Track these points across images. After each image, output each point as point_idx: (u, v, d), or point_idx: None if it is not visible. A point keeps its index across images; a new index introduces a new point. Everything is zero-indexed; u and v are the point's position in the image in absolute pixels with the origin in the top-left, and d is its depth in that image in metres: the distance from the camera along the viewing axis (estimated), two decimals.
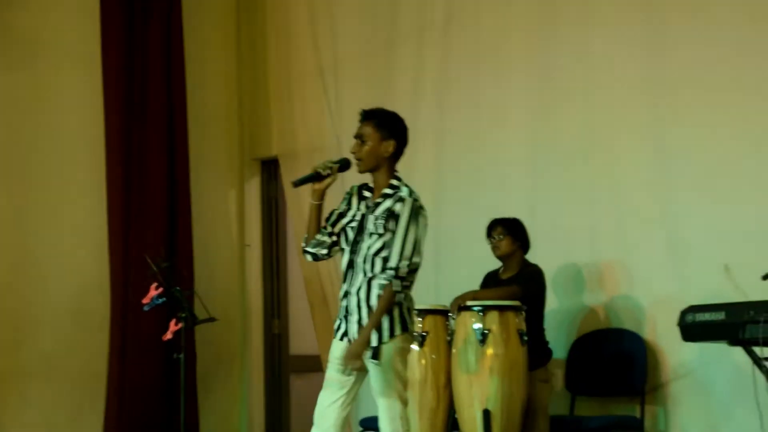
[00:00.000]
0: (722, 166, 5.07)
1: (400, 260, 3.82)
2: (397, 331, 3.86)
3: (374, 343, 3.84)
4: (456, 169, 6.07)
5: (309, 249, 4.01)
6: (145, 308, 5.35)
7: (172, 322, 5.29)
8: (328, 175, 3.93)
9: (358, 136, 3.97)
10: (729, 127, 5.07)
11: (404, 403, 3.90)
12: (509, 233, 5.16)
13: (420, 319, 4.76)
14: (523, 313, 4.75)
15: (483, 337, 4.61)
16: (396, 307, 3.85)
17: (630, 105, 5.40)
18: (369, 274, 3.88)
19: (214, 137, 6.97)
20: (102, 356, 6.11)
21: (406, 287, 3.87)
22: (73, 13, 6.34)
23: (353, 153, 3.96)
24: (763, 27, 4.99)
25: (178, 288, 5.41)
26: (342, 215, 4.02)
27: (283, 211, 7.08)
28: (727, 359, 4.67)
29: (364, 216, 3.95)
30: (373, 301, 3.86)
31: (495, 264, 5.27)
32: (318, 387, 4.01)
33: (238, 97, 7.13)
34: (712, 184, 5.09)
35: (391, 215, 3.87)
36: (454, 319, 4.77)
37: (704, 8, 5.19)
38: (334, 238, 4.00)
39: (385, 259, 3.86)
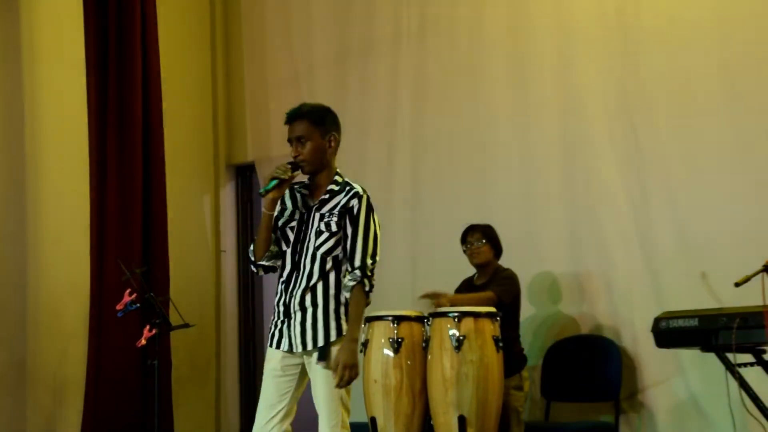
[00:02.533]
0: (697, 178, 5.11)
1: (365, 258, 3.69)
2: (345, 330, 3.68)
3: (321, 342, 3.66)
4: (433, 175, 6.07)
5: (264, 263, 3.80)
6: (119, 314, 5.31)
7: (146, 329, 5.26)
8: (291, 178, 3.73)
9: (297, 138, 3.76)
10: (704, 139, 5.11)
11: (347, 410, 3.70)
12: (488, 239, 5.16)
13: (395, 325, 4.75)
14: (499, 319, 4.76)
15: (458, 344, 4.60)
16: (342, 306, 3.69)
17: (607, 116, 5.43)
18: (316, 275, 3.69)
19: (190, 143, 6.96)
20: (78, 362, 6.06)
21: (372, 287, 3.72)
22: (59, 17, 6.30)
23: (295, 156, 3.75)
24: (737, 40, 5.03)
25: (152, 294, 5.38)
26: (278, 217, 3.82)
27: (258, 216, 7.04)
28: (701, 366, 4.70)
29: (305, 215, 3.78)
30: (321, 301, 3.67)
31: (472, 271, 5.28)
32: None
33: (214, 104, 7.11)
34: (688, 194, 5.13)
35: (345, 212, 3.72)
36: (430, 325, 4.77)
37: (679, 19, 5.22)
38: (281, 244, 3.81)
39: (336, 258, 3.71)
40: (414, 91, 6.17)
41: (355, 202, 3.73)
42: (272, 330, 3.78)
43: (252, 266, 3.85)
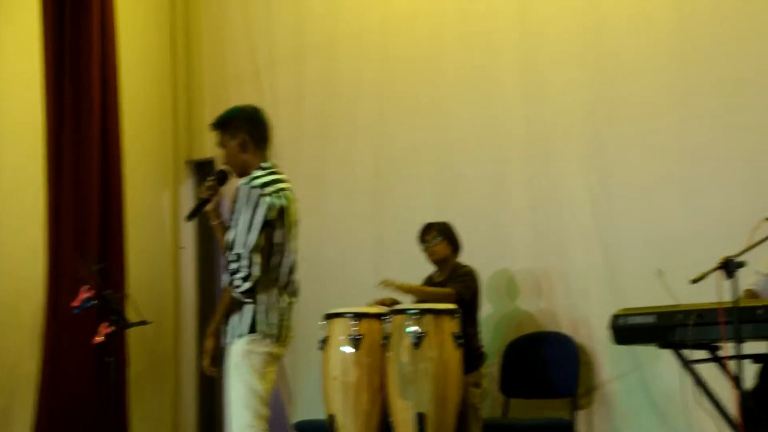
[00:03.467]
0: (656, 176, 5.16)
1: (236, 248, 3.72)
2: (243, 330, 3.74)
3: (228, 339, 3.78)
4: (396, 171, 6.07)
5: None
6: (75, 311, 5.26)
7: (103, 326, 5.21)
8: (212, 195, 3.88)
9: (220, 146, 3.95)
10: (663, 138, 5.17)
11: (257, 415, 3.71)
12: (444, 237, 5.17)
13: (355, 322, 4.74)
14: (458, 316, 4.77)
15: (418, 340, 4.60)
16: (250, 305, 3.74)
17: (570, 114, 5.46)
18: (229, 271, 3.79)
19: (149, 139, 6.89)
20: (33, 359, 5.98)
21: (243, 279, 3.70)
22: (13, 8, 6.20)
23: (223, 164, 3.95)
24: (698, 41, 5.09)
25: (109, 290, 5.33)
26: None
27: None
28: (657, 362, 4.74)
29: None
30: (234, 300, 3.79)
31: (433, 268, 5.28)
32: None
33: (173, 98, 7.05)
34: (646, 192, 5.19)
35: (233, 206, 3.82)
36: (389, 322, 4.76)
37: (641, 20, 5.26)
38: None
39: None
40: (376, 86, 6.16)
41: (236, 194, 3.82)
42: None
43: None
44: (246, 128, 3.91)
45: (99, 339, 5.24)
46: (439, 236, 5.16)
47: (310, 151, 6.37)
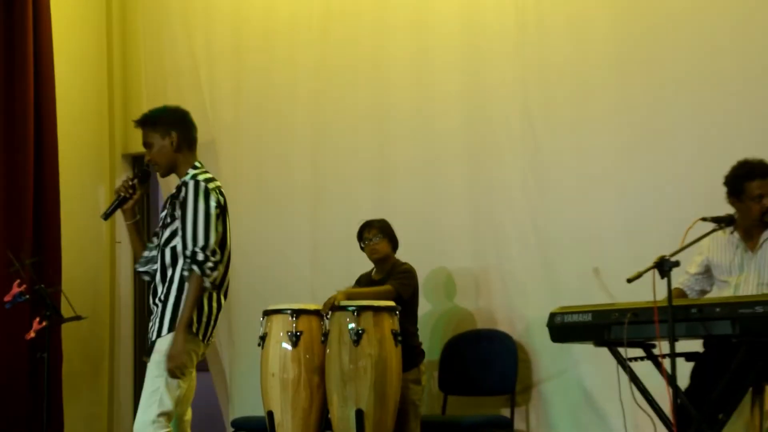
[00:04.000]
0: (592, 176, 5.23)
1: (194, 246, 3.66)
2: (174, 326, 3.70)
3: (153, 337, 3.73)
4: (334, 169, 6.05)
5: (140, 269, 3.94)
6: (7, 306, 5.16)
7: (36, 321, 5.12)
8: (132, 194, 3.88)
9: (145, 144, 3.91)
10: (598, 137, 5.24)
11: (164, 413, 3.66)
12: (385, 234, 5.16)
13: (294, 319, 4.72)
14: (398, 314, 4.77)
15: (357, 337, 4.60)
16: (181, 301, 3.69)
17: (507, 113, 5.50)
18: (161, 269, 3.77)
19: (85, 132, 6.79)
20: None
21: (212, 269, 3.67)
22: None
23: (148, 161, 3.91)
24: (631, 39, 5.16)
25: (42, 285, 5.23)
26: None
27: (154, 206, 6.92)
28: (594, 360, 4.80)
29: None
30: (163, 296, 3.72)
31: (370, 265, 5.27)
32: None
33: (110, 92, 6.94)
34: (583, 191, 5.25)
35: (176, 202, 3.77)
36: (328, 319, 4.75)
37: (576, 18, 5.31)
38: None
39: (174, 250, 3.74)
40: (315, 82, 6.13)
41: (182, 190, 3.77)
42: None
43: (138, 274, 4.00)
44: (178, 128, 3.90)
45: (30, 335, 5.15)
46: (379, 234, 5.14)
47: (248, 146, 6.32)
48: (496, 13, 5.55)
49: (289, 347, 4.71)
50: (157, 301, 3.77)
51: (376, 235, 5.14)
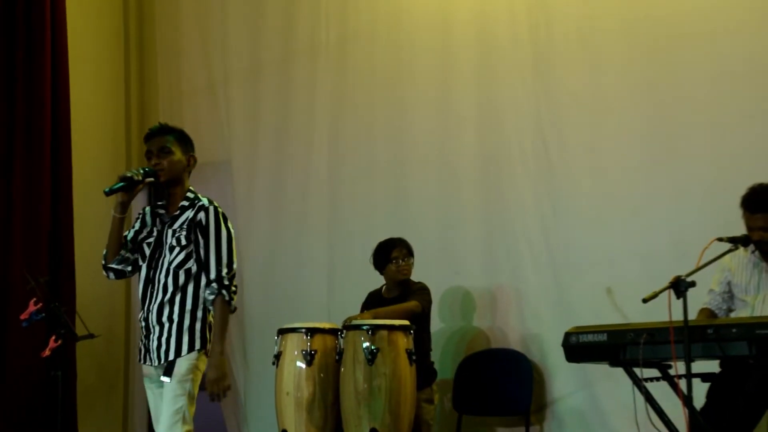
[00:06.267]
0: (606, 196, 5.23)
1: (220, 269, 3.77)
2: (197, 346, 3.77)
3: (171, 357, 3.75)
4: (350, 188, 6.07)
5: (113, 265, 3.94)
6: (24, 324, 5.17)
7: (52, 339, 5.13)
8: (140, 182, 3.83)
9: (160, 149, 3.89)
10: (613, 156, 5.24)
11: (188, 426, 3.74)
12: (411, 254, 5.17)
13: (309, 338, 4.73)
14: (412, 332, 4.77)
15: (372, 356, 4.60)
16: (199, 322, 3.78)
17: (522, 133, 5.51)
18: (171, 289, 3.80)
19: (100, 151, 6.81)
20: None
21: (235, 293, 3.81)
22: None
23: (156, 164, 3.88)
24: (645, 56, 5.16)
25: (57, 303, 5.25)
26: (138, 233, 3.97)
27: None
28: (608, 380, 4.78)
29: (160, 231, 3.89)
30: (176, 316, 3.77)
31: (379, 284, 5.26)
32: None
33: (126, 112, 6.98)
34: (597, 212, 5.24)
35: (194, 225, 3.81)
36: (343, 338, 4.75)
37: (589, 37, 5.33)
38: (137, 255, 3.94)
39: (189, 272, 3.80)
40: (332, 102, 6.16)
41: (202, 214, 3.83)
42: (139, 345, 3.93)
43: (103, 270, 3.98)
44: (194, 153, 3.99)
45: (46, 353, 5.17)
46: (408, 254, 5.15)
47: (265, 166, 6.35)
48: (511, 36, 5.57)
49: (304, 366, 4.71)
50: (164, 320, 3.80)
51: (406, 255, 5.14)
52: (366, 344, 4.63)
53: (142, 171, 3.86)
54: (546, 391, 5.27)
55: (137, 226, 3.99)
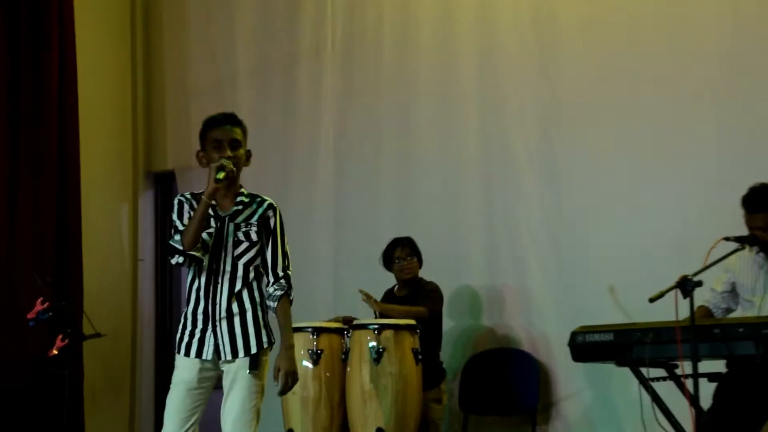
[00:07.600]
0: (610, 195, 5.21)
1: (286, 268, 3.78)
2: (273, 339, 3.74)
3: (254, 350, 3.65)
4: (356, 188, 6.07)
5: (193, 252, 3.66)
6: (30, 323, 5.19)
7: (59, 338, 5.15)
8: (229, 177, 3.64)
9: (232, 140, 3.72)
10: (617, 155, 5.22)
11: (258, 422, 3.69)
12: (414, 253, 5.17)
13: (315, 337, 4.73)
14: (418, 332, 4.77)
15: (378, 356, 4.60)
16: (266, 317, 3.74)
17: (526, 132, 5.50)
18: (240, 283, 3.69)
19: (108, 150, 6.85)
20: None
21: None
22: None
23: (230, 157, 3.65)
24: (650, 52, 5.15)
25: (63, 303, 5.26)
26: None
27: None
28: (614, 379, 4.77)
29: (218, 224, 3.70)
30: (249, 308, 3.68)
31: (391, 282, 5.27)
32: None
33: (133, 111, 7.01)
34: (601, 211, 5.23)
35: (262, 222, 3.75)
36: (349, 337, 4.75)
37: (599, 36, 5.32)
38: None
39: (258, 268, 3.73)
40: (338, 101, 6.16)
41: (271, 213, 3.78)
42: (187, 339, 3.73)
43: (178, 256, 3.70)
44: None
45: (53, 352, 5.18)
46: (411, 253, 5.14)
47: (271, 166, 6.35)
48: (515, 34, 5.56)
49: (310, 365, 4.72)
50: (235, 311, 3.67)
51: (409, 254, 5.14)
52: (372, 344, 4.63)
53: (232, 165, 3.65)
54: (552, 391, 5.26)
55: (186, 214, 3.72)
